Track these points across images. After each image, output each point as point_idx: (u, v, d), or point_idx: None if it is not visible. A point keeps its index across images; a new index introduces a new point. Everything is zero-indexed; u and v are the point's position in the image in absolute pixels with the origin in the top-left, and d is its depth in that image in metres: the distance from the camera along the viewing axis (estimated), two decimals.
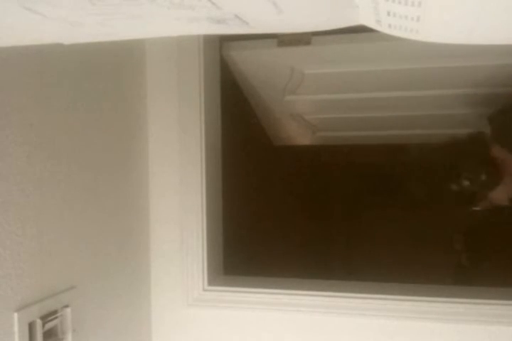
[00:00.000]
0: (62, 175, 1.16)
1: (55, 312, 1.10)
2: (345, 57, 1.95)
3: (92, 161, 1.29)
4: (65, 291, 1.15)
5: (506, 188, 1.60)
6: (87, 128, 1.27)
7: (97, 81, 1.33)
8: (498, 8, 0.44)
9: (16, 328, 0.98)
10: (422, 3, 0.44)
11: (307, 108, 2.55)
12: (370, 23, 0.52)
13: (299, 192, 4.34)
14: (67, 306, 1.14)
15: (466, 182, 1.62)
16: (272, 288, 1.59)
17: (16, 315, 0.98)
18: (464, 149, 1.69)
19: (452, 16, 0.47)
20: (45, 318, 1.06)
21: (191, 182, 1.60)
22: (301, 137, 3.06)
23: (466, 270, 4.18)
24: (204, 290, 1.61)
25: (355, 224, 4.62)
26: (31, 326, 1.02)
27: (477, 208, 1.72)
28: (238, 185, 2.54)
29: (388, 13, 0.48)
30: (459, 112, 2.42)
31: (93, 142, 1.29)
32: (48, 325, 1.06)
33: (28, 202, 1.04)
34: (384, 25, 0.51)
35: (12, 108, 1.00)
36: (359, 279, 1.71)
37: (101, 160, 1.33)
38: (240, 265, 2.05)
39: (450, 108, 2.37)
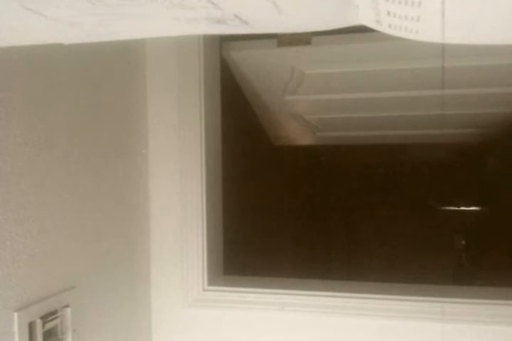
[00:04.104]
0: (62, 175, 1.16)
1: (55, 312, 1.10)
2: (345, 57, 1.95)
3: (92, 161, 1.29)
4: (65, 291, 1.15)
5: None
6: (87, 128, 1.27)
7: (96, 81, 1.33)
8: (498, 8, 0.44)
9: (15, 328, 0.98)
10: (422, 3, 0.44)
11: (307, 108, 2.55)
12: (370, 23, 0.52)
13: (299, 192, 4.34)
14: (67, 306, 1.14)
15: None
16: (271, 288, 1.59)
17: (15, 315, 0.98)
18: None
19: (452, 16, 0.47)
20: (45, 318, 1.06)
21: (191, 182, 1.60)
22: (301, 137, 3.06)
23: (466, 270, 4.18)
24: (204, 290, 1.61)
25: (355, 223, 4.62)
26: (31, 326, 1.02)
27: None
28: (238, 185, 2.54)
29: (388, 13, 0.48)
30: (459, 112, 2.42)
31: (93, 142, 1.29)
32: (48, 325, 1.06)
33: (28, 202, 1.04)
34: (384, 25, 0.51)
35: (12, 108, 1.00)
36: (359, 279, 1.71)
37: (101, 160, 1.33)
38: (240, 265, 2.05)
39: (450, 108, 2.37)
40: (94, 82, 1.31)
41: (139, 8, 0.50)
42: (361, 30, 1.66)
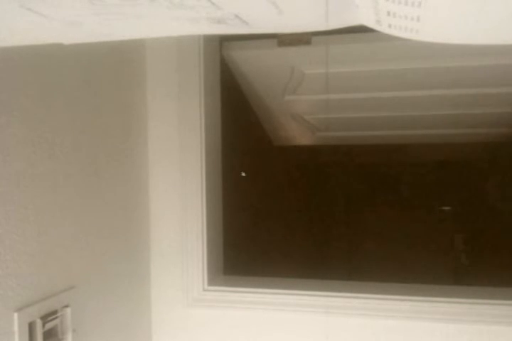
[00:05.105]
0: (62, 175, 1.16)
1: (55, 312, 1.10)
2: (345, 57, 1.95)
3: (92, 161, 1.29)
4: (65, 291, 1.15)
5: None
6: (87, 128, 1.27)
7: (97, 81, 1.33)
8: (498, 8, 0.44)
9: (16, 328, 0.98)
10: (422, 3, 0.44)
11: (307, 108, 2.55)
12: (370, 23, 0.52)
13: (299, 191, 4.34)
14: (67, 306, 1.14)
15: None
16: (271, 288, 1.59)
17: (16, 315, 0.98)
18: None
19: (452, 16, 0.47)
20: (45, 318, 1.06)
21: (191, 182, 1.60)
22: (301, 137, 3.06)
23: (466, 269, 4.18)
24: (204, 290, 1.61)
25: (355, 224, 4.62)
26: (31, 326, 1.02)
27: None
28: (238, 184, 2.54)
29: (388, 13, 0.48)
30: (459, 112, 2.42)
31: (93, 142, 1.29)
32: (48, 325, 1.06)
33: (28, 202, 1.04)
34: (384, 25, 0.51)
35: (12, 108, 1.00)
36: (359, 279, 1.71)
37: (101, 160, 1.33)
38: (240, 265, 2.05)
39: (450, 108, 2.37)
40: (94, 82, 1.31)
41: (139, 8, 0.50)
42: (361, 30, 1.66)
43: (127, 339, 1.49)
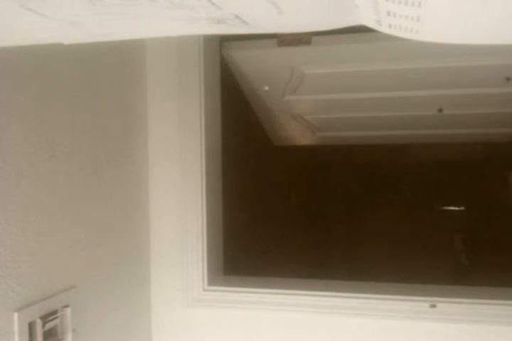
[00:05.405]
0: (62, 175, 1.16)
1: (55, 312, 1.10)
2: (345, 57, 1.95)
3: (92, 161, 1.29)
4: (65, 291, 1.15)
5: None
6: (87, 128, 1.27)
7: (97, 81, 1.33)
8: (498, 8, 0.44)
9: (16, 328, 0.98)
10: (422, 3, 0.44)
11: (307, 108, 2.55)
12: (370, 23, 0.52)
13: (299, 191, 4.34)
14: (67, 306, 1.14)
15: None
16: (271, 288, 1.59)
17: (16, 315, 0.98)
18: None
19: (452, 16, 0.47)
20: (45, 318, 1.06)
21: (191, 182, 1.60)
22: (301, 137, 3.06)
23: (466, 269, 4.18)
24: (204, 290, 1.61)
25: (355, 224, 4.62)
26: (31, 326, 1.02)
27: None
28: (238, 185, 2.54)
29: (388, 13, 0.48)
30: (459, 112, 2.42)
31: (93, 142, 1.29)
32: (48, 325, 1.06)
33: (28, 202, 1.04)
34: (384, 25, 0.51)
35: (12, 108, 1.00)
36: (359, 279, 1.71)
37: (101, 161, 1.33)
38: (240, 265, 2.05)
39: (450, 108, 2.37)
40: (95, 83, 1.31)
41: (138, 8, 0.50)
42: (361, 30, 1.66)
43: (127, 339, 1.49)
